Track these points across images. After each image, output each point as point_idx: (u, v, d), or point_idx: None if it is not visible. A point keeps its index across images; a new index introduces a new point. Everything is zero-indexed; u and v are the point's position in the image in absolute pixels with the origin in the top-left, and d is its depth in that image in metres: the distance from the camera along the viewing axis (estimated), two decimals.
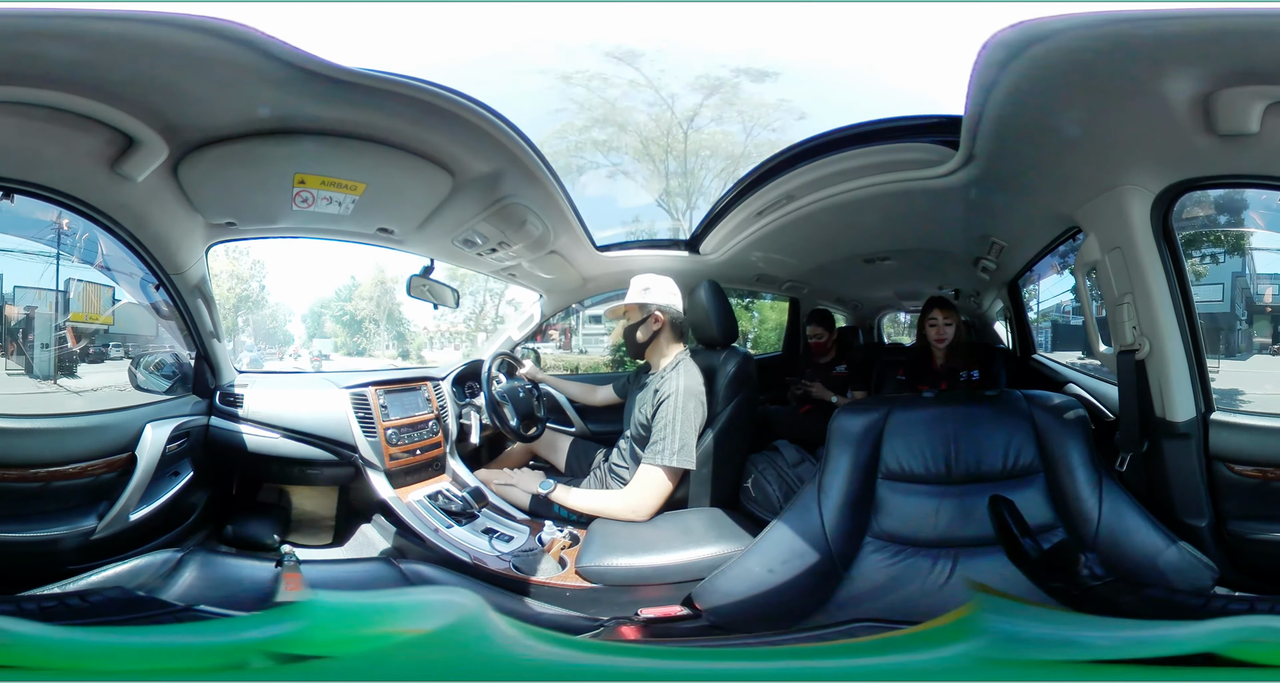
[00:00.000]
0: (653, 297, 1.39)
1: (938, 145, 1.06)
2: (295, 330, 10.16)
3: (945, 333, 1.74)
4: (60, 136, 0.89)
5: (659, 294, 1.39)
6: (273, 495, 1.51)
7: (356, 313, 9.88)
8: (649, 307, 1.38)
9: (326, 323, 10.21)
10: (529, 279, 1.87)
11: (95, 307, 1.77)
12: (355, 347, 9.82)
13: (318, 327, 10.16)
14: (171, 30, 0.73)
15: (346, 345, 9.86)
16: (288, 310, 10.23)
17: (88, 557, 1.04)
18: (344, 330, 9.98)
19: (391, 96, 0.89)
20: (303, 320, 10.26)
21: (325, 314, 10.18)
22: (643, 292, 1.39)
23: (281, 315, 10.10)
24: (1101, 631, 0.62)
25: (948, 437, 1.07)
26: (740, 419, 1.34)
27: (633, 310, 1.41)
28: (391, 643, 0.58)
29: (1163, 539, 0.94)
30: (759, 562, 1.02)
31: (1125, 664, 0.55)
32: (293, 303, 10.55)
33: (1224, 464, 0.98)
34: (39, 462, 1.03)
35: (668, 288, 1.41)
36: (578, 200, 1.44)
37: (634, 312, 1.41)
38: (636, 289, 1.41)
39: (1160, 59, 0.72)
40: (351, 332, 9.93)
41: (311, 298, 10.36)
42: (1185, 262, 1.00)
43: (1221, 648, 0.54)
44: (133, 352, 1.70)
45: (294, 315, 10.31)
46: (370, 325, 9.87)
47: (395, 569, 1.15)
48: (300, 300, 10.44)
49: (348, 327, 9.94)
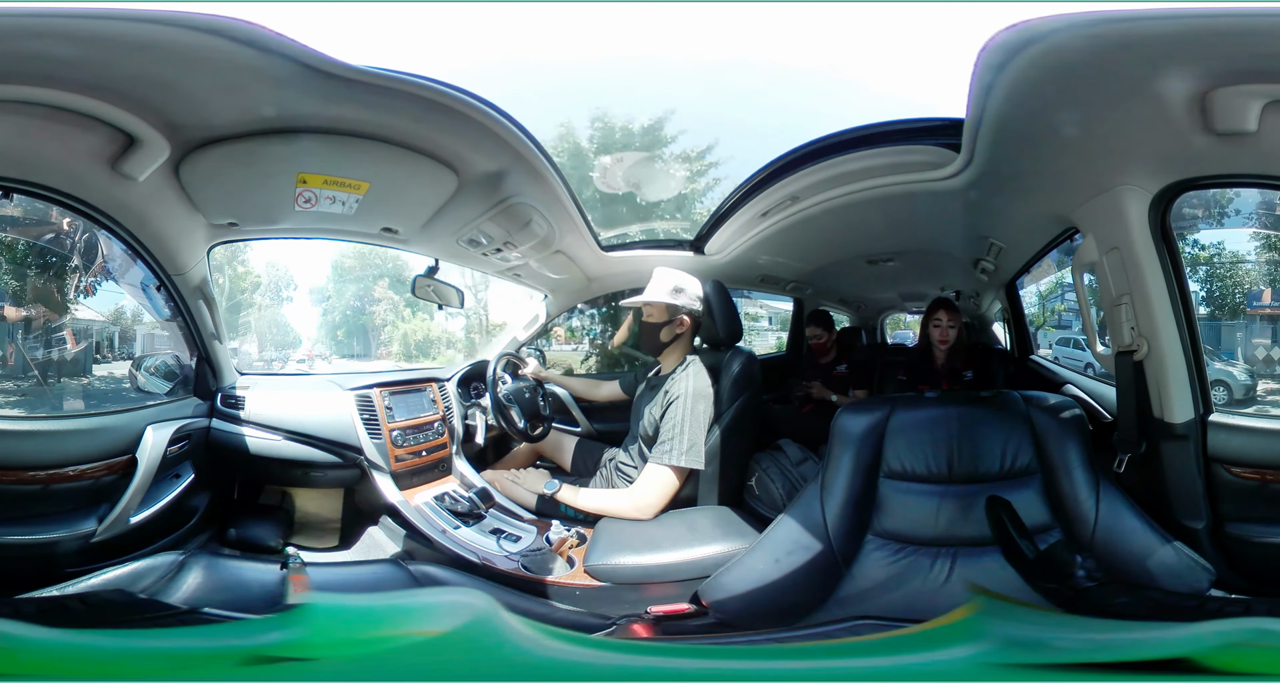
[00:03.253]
0: (684, 299, 1.34)
1: (941, 148, 1.07)
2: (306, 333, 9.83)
3: (949, 335, 1.76)
4: (60, 135, 0.88)
5: (690, 297, 1.35)
6: (275, 498, 1.51)
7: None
8: (678, 309, 1.34)
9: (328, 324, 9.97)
10: (534, 279, 1.86)
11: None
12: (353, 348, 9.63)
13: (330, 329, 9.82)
14: (173, 29, 0.73)
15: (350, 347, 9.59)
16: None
17: (88, 559, 1.04)
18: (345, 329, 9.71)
19: (396, 94, 0.89)
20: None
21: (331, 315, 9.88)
22: (674, 292, 1.34)
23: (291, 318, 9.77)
24: (1095, 633, 0.63)
25: (950, 437, 1.08)
26: (745, 419, 1.35)
27: (659, 309, 1.36)
28: (405, 645, 0.58)
29: (1160, 541, 0.95)
30: (763, 558, 1.03)
31: (1122, 669, 0.56)
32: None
33: (1222, 466, 0.98)
34: (38, 464, 1.02)
35: (697, 290, 1.36)
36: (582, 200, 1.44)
37: (660, 311, 1.36)
38: (666, 287, 1.35)
39: (1156, 58, 0.73)
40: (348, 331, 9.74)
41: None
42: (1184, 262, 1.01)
43: (1212, 652, 0.55)
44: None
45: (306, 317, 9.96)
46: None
47: (404, 571, 1.15)
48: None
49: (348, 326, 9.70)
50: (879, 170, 1.17)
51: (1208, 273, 2.42)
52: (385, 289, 9.03)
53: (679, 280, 1.37)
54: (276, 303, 9.01)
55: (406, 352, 8.99)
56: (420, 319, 8.83)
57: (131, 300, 1.58)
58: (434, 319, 8.78)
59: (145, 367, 1.36)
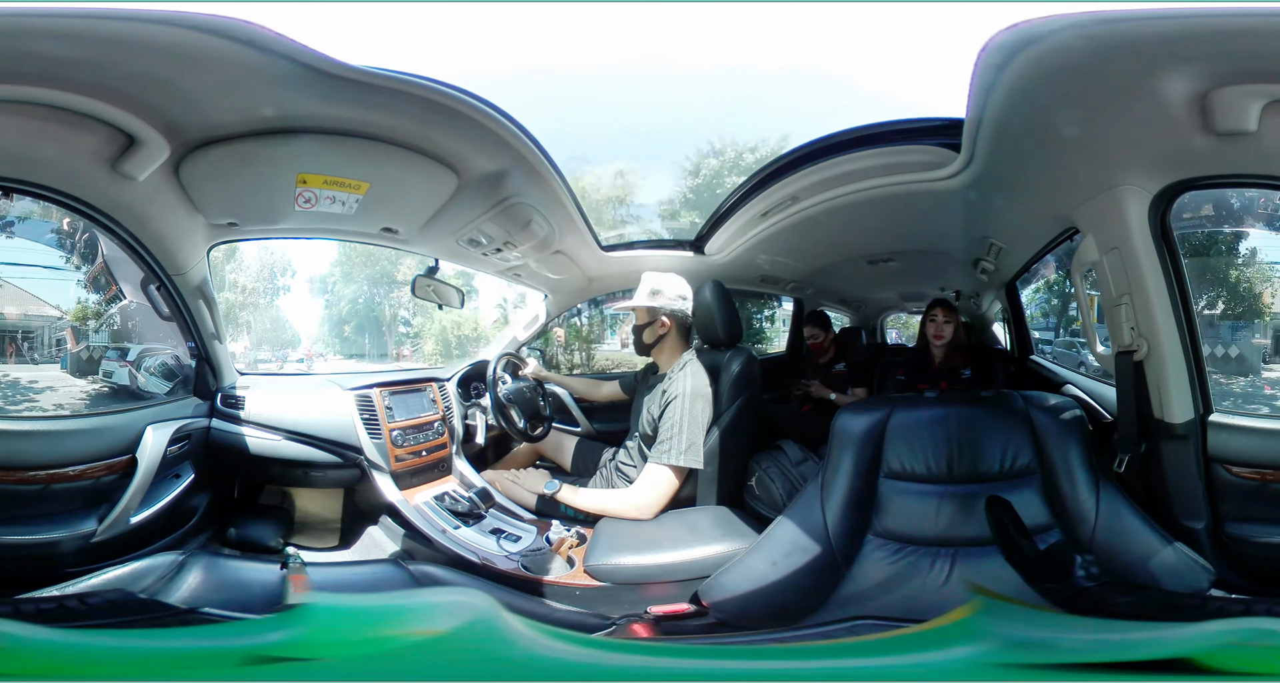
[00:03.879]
0: (661, 300, 1.37)
1: (940, 148, 1.07)
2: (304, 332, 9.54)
3: (944, 331, 1.77)
4: (60, 135, 0.88)
5: (667, 297, 1.37)
6: (275, 498, 1.50)
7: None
8: (656, 310, 1.37)
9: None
10: (534, 279, 1.86)
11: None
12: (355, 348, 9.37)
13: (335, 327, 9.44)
14: (173, 29, 0.73)
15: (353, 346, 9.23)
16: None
17: (88, 559, 1.04)
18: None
19: (396, 95, 0.89)
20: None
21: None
22: (650, 294, 1.38)
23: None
24: (1096, 633, 0.63)
25: (950, 437, 1.08)
26: (745, 418, 1.35)
27: (640, 312, 1.40)
28: (405, 645, 0.58)
29: (1160, 541, 0.95)
30: (763, 558, 1.03)
31: (1122, 669, 0.56)
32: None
33: (1222, 466, 0.98)
34: (38, 464, 1.02)
35: (676, 289, 1.39)
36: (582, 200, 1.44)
37: (641, 313, 1.40)
38: (645, 290, 1.39)
39: (1156, 58, 0.73)
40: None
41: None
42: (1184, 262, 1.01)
43: (1212, 652, 0.55)
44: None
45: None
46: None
47: (404, 571, 1.15)
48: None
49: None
50: (879, 170, 1.17)
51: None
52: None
53: (656, 282, 1.39)
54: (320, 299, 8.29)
55: (446, 350, 8.17)
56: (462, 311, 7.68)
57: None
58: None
59: (145, 366, 1.36)
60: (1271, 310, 2.50)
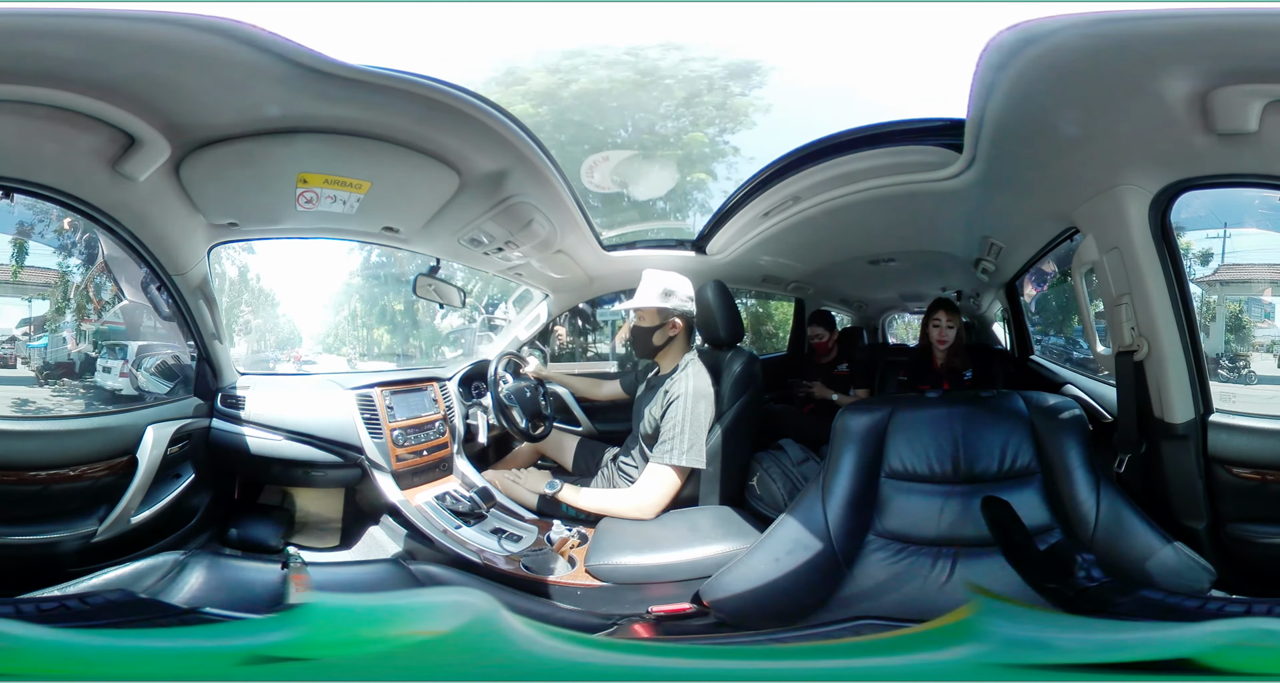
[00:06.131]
0: (674, 301, 1.34)
1: (942, 148, 1.07)
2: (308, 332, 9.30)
3: (948, 335, 1.77)
4: (61, 135, 0.88)
5: (680, 299, 1.35)
6: (276, 498, 1.50)
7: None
8: (669, 312, 1.35)
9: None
10: (535, 278, 1.86)
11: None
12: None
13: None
14: (173, 29, 0.72)
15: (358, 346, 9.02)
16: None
17: (88, 559, 1.04)
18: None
19: (397, 94, 0.89)
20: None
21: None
22: (663, 295, 1.34)
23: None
24: (1096, 633, 0.63)
25: (954, 437, 1.08)
26: (746, 418, 1.35)
27: (649, 313, 1.36)
28: (405, 645, 0.58)
29: (1160, 541, 0.95)
30: (764, 558, 1.03)
31: (1122, 669, 0.56)
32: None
33: (1222, 466, 0.98)
34: (38, 464, 1.02)
35: (686, 291, 1.36)
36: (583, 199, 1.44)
37: (651, 315, 1.36)
38: (655, 290, 1.35)
39: (1156, 58, 0.73)
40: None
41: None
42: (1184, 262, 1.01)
43: (1213, 653, 0.55)
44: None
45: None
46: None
47: (405, 571, 1.15)
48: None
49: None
50: (880, 170, 1.17)
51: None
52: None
53: (668, 283, 1.36)
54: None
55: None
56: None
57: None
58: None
59: (145, 366, 1.36)
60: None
